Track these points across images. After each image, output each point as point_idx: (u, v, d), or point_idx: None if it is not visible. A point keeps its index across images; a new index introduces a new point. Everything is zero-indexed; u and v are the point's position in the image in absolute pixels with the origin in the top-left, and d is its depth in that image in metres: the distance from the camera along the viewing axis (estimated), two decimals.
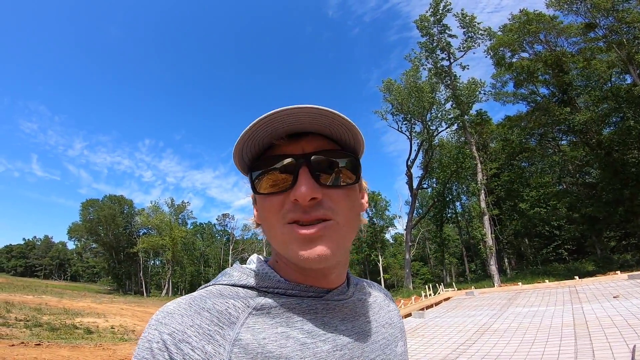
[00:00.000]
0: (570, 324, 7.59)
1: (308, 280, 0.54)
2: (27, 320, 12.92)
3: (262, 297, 0.51)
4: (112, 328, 13.65)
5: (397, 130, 32.68)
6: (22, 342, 8.74)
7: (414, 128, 32.01)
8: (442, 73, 27.61)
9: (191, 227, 71.30)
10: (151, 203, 61.36)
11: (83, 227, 59.54)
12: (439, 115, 29.77)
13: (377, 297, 0.68)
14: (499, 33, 27.40)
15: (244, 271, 0.56)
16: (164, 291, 55.62)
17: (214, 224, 77.84)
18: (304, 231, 0.48)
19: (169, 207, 60.78)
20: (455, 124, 28.88)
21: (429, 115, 30.05)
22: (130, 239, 61.77)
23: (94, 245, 65.52)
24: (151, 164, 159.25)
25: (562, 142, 30.11)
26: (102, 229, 59.28)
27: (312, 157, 0.51)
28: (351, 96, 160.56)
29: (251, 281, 0.53)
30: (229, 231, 71.30)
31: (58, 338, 10.37)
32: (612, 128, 24.92)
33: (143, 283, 58.55)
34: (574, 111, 24.18)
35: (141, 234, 62.19)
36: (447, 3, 26.87)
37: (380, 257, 50.93)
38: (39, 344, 8.68)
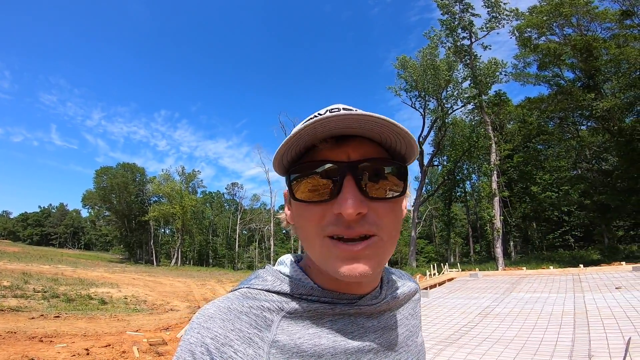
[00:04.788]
0: (570, 312, 7.71)
1: (341, 287, 0.54)
2: (45, 292, 13.19)
3: (296, 302, 0.51)
4: (125, 298, 13.96)
5: (411, 107, 32.06)
6: (42, 315, 9.03)
7: (428, 105, 31.39)
8: (462, 52, 26.55)
9: (201, 195, 71.03)
10: (162, 171, 61.41)
11: (97, 194, 59.66)
12: (454, 93, 29.00)
13: (406, 288, 0.67)
14: (527, 14, 26.05)
15: (277, 276, 0.55)
16: (173, 260, 56.15)
17: (223, 193, 77.97)
18: (348, 248, 0.45)
19: (180, 176, 60.80)
20: (472, 104, 28.17)
21: (444, 92, 29.30)
22: (142, 207, 61.78)
23: (107, 213, 65.78)
24: (166, 134, 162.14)
25: (582, 127, 29.40)
26: (114, 196, 59.31)
27: (359, 166, 0.46)
28: (367, 73, 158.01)
29: (285, 287, 0.53)
30: (237, 201, 71.12)
31: (74, 309, 10.62)
32: (635, 117, 24.23)
33: (153, 252, 59.19)
34: (598, 97, 23.41)
35: (152, 202, 62.06)
36: None
37: None
38: (57, 316, 9.01)
